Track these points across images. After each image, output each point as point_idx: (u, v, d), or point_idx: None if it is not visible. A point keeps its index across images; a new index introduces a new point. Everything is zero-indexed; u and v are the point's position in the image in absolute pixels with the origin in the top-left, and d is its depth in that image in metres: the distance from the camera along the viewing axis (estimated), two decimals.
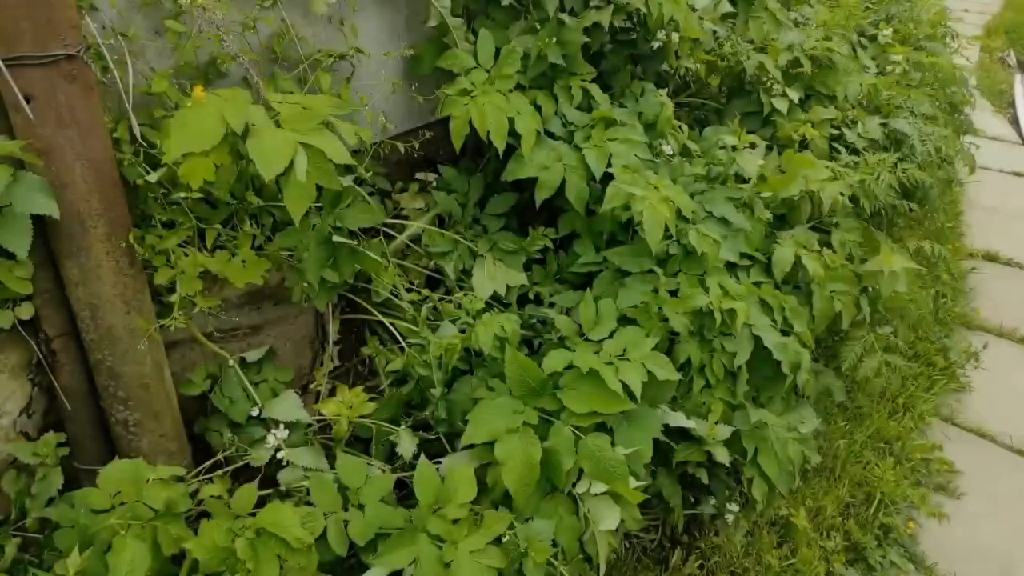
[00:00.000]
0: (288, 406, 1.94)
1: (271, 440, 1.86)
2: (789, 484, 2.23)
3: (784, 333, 2.35)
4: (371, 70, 2.33)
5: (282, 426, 1.88)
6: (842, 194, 2.71)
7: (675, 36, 2.88)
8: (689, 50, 3.06)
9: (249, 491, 1.63)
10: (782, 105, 3.21)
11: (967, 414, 3.25)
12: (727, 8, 3.10)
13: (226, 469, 1.84)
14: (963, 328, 3.76)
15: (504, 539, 1.69)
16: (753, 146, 2.83)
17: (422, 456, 1.84)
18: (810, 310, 2.52)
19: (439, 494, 1.76)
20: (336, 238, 1.94)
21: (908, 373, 3.31)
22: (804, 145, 3.17)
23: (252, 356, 2.00)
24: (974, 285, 4.10)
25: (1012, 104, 6.54)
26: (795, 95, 3.26)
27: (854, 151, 3.36)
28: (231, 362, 1.91)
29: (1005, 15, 8.90)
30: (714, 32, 3.20)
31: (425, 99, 2.43)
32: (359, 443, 2.06)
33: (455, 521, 1.71)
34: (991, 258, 4.36)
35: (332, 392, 2.24)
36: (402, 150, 2.29)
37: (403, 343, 2.36)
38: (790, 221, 2.82)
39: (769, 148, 3.03)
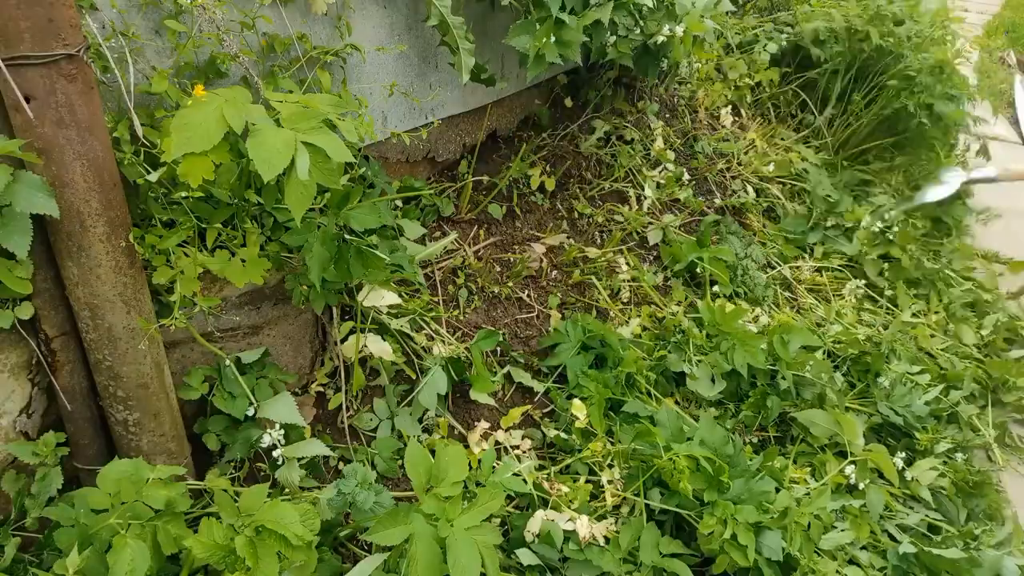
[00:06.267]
0: (283, 408, 1.93)
1: (267, 440, 1.86)
2: None
3: None
4: (371, 69, 2.33)
5: (278, 425, 1.88)
6: None
7: (679, 30, 2.87)
8: (691, 47, 3.06)
9: (259, 491, 1.63)
10: None
11: None
12: (728, 7, 3.10)
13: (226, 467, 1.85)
14: None
15: None
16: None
17: (412, 439, 1.85)
18: None
19: (431, 474, 1.77)
20: (349, 238, 1.93)
21: None
22: None
23: (248, 357, 2.00)
24: None
25: (1012, 104, 6.53)
26: None
27: None
28: (227, 362, 1.91)
29: (1005, 15, 8.89)
30: (716, 29, 3.20)
31: (422, 99, 2.43)
32: None
33: (447, 499, 1.72)
34: (991, 258, 4.36)
35: (336, 392, 2.25)
36: (407, 143, 2.29)
37: (403, 344, 2.36)
38: None
39: None
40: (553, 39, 2.43)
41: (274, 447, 1.87)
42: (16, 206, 1.38)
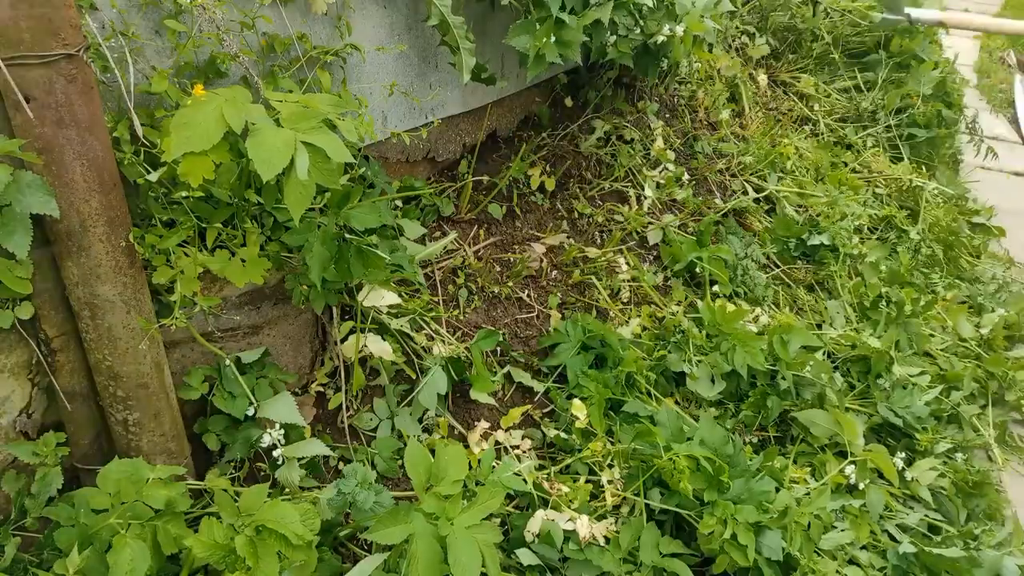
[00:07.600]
0: (283, 408, 1.93)
1: (267, 440, 1.86)
2: None
3: None
4: (371, 69, 2.33)
5: (278, 425, 1.88)
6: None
7: (679, 30, 2.87)
8: (691, 47, 3.06)
9: (259, 491, 1.63)
10: None
11: None
12: (728, 7, 3.10)
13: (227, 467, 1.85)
14: None
15: None
16: None
17: (412, 439, 1.85)
18: None
19: (431, 473, 1.77)
20: (349, 238, 1.93)
21: None
22: None
23: (248, 357, 2.00)
24: None
25: (1012, 104, 6.53)
26: None
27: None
28: (227, 362, 1.91)
29: (1005, 15, 8.89)
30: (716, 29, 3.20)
31: (422, 99, 2.43)
32: None
33: (447, 497, 1.72)
34: (991, 258, 4.36)
35: (336, 392, 2.25)
36: (407, 142, 2.28)
37: (403, 344, 2.36)
38: None
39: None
40: (553, 39, 2.43)
41: (274, 447, 1.87)
42: (16, 206, 1.38)
